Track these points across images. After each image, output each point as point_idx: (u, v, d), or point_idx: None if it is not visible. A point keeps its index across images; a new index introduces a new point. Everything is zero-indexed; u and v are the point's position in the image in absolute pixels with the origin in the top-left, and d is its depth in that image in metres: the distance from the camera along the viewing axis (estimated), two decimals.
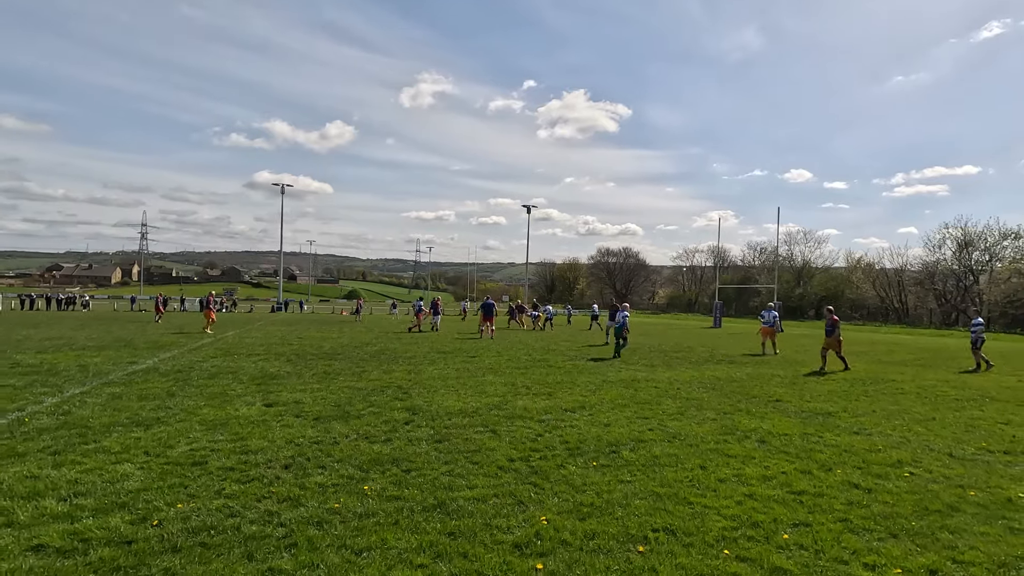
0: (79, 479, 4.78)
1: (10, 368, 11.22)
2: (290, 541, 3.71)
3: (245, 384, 9.89)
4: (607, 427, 7.15)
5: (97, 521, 3.93)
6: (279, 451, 5.77)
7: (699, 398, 9.52)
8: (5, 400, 8.02)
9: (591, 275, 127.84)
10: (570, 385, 10.64)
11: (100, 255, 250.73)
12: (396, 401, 8.61)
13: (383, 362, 13.63)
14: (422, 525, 4.01)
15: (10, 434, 6.18)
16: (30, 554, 3.46)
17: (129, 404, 7.92)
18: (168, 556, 3.47)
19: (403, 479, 4.98)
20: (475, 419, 7.46)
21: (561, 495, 4.67)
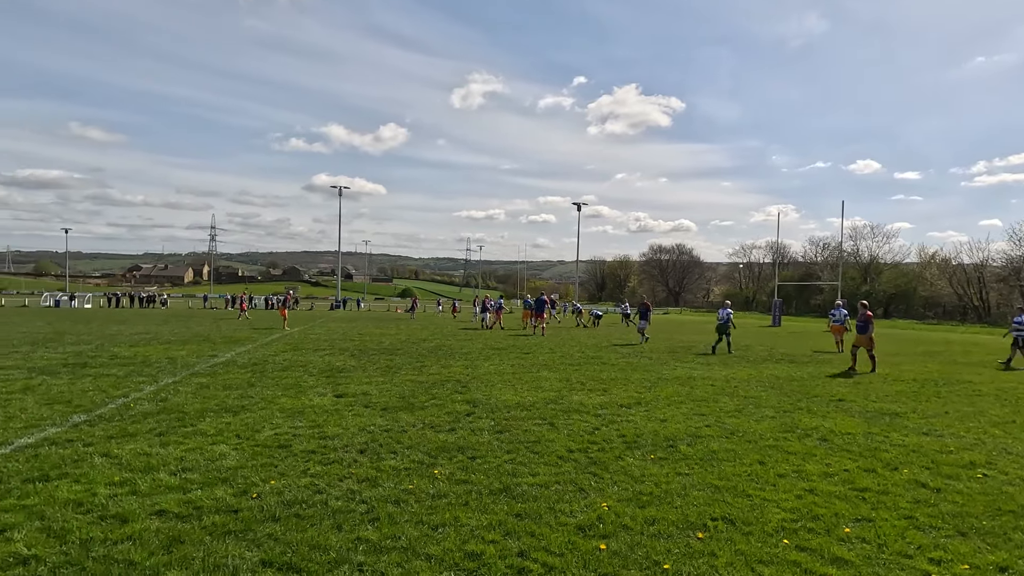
0: (184, 457, 5.36)
1: (110, 359, 12.38)
2: (372, 516, 4.08)
3: (315, 376, 10.55)
4: (664, 422, 7.25)
5: (205, 492, 4.44)
6: (353, 437, 6.22)
7: (757, 396, 9.42)
8: (111, 388, 8.93)
9: (643, 272, 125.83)
10: (624, 382, 10.74)
11: (174, 256, 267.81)
12: (456, 394, 8.99)
13: (440, 357, 14.13)
14: (490, 506, 4.30)
15: (120, 417, 6.94)
16: (154, 517, 3.97)
17: (216, 393, 8.65)
18: (269, 524, 3.90)
19: (469, 465, 5.30)
20: (533, 412, 7.73)
21: (620, 484, 4.86)
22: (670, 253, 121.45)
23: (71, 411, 7.19)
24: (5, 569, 3.21)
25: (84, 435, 6.03)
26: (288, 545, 3.58)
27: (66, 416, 6.91)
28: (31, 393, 8.33)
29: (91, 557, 3.37)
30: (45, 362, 11.77)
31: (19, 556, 3.35)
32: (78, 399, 7.97)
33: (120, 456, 5.33)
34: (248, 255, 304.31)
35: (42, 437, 5.94)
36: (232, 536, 3.70)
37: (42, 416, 6.88)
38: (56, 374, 10.18)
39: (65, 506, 4.11)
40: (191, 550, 3.49)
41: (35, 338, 17.44)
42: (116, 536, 3.65)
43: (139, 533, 3.70)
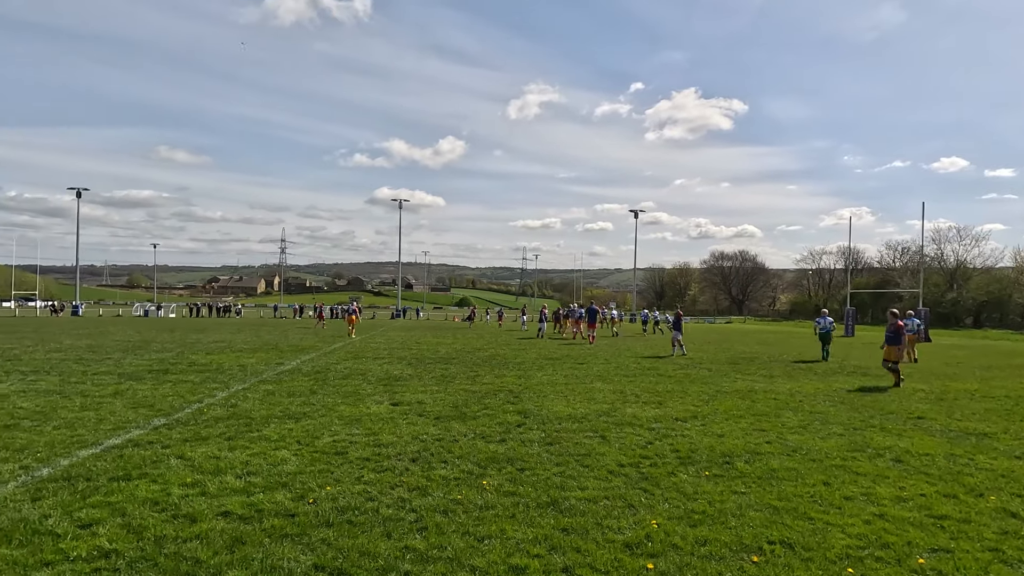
0: (249, 461, 5.67)
1: (188, 367, 13.28)
2: (421, 525, 4.17)
3: (373, 385, 10.89)
4: (720, 438, 6.99)
5: (266, 496, 4.68)
6: (407, 446, 6.38)
7: (824, 411, 8.91)
8: (188, 393, 9.58)
9: (704, 280, 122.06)
10: (681, 394, 10.43)
11: (248, 268, 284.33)
12: (508, 404, 9.03)
13: (494, 367, 14.23)
14: (537, 520, 4.29)
15: (195, 421, 7.42)
16: (220, 518, 4.22)
17: (281, 400, 9.10)
18: (323, 529, 4.06)
19: (518, 477, 5.31)
20: (584, 424, 7.64)
21: (672, 501, 4.72)
22: (733, 260, 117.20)
23: (153, 415, 7.77)
24: (89, 561, 3.50)
25: (163, 438, 6.50)
26: (340, 551, 3.71)
27: (148, 419, 7.47)
28: (119, 397, 9.06)
29: (163, 554, 3.62)
30: (133, 368, 12.77)
31: (102, 550, 3.65)
32: (159, 403, 8.59)
33: (193, 459, 5.70)
34: (315, 266, 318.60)
35: (127, 439, 6.44)
36: (289, 539, 3.87)
37: (128, 419, 7.47)
38: (141, 380, 11.03)
39: (143, 504, 4.44)
40: (251, 551, 3.68)
41: (125, 346, 18.96)
42: (185, 535, 3.91)
43: (206, 533, 3.94)
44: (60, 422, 7.20)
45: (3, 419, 7.32)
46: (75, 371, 12.13)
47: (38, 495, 4.58)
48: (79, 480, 4.97)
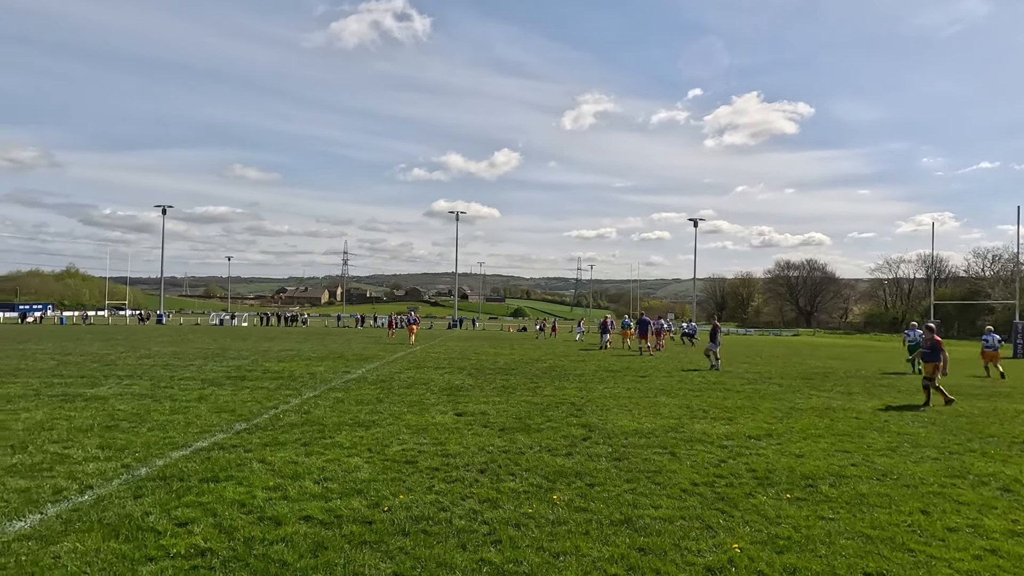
0: (325, 467, 5.86)
1: (263, 374, 13.97)
2: (494, 538, 4.16)
3: (436, 395, 11.06)
4: (799, 458, 6.63)
5: (343, 502, 4.81)
6: (473, 456, 6.42)
7: (914, 433, 8.28)
8: (264, 400, 10.05)
9: (768, 290, 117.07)
10: (752, 410, 9.99)
11: (312, 279, 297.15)
12: (571, 417, 8.94)
13: (554, 379, 14.15)
14: (611, 538, 4.20)
15: (272, 426, 7.77)
16: (302, 522, 4.38)
17: (350, 407, 9.39)
18: (400, 537, 4.13)
19: (588, 492, 5.22)
20: (652, 440, 7.45)
21: (753, 525, 4.50)
22: (800, 269, 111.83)
23: (234, 419, 8.20)
24: (188, 559, 3.71)
25: (244, 442, 6.84)
26: (417, 560, 3.76)
27: (231, 424, 7.89)
28: (204, 402, 9.63)
29: (253, 554, 3.79)
30: (214, 375, 13.56)
31: (198, 548, 3.86)
32: (239, 409, 9.07)
33: (273, 463, 5.96)
34: (375, 277, 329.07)
35: (212, 442, 6.82)
36: (368, 546, 3.96)
37: (212, 423, 7.91)
38: (222, 385, 11.68)
39: (231, 506, 4.67)
40: (334, 556, 3.79)
41: (205, 353, 20.18)
42: (272, 537, 4.07)
43: (290, 536, 4.10)
44: (153, 424, 7.72)
45: (104, 420, 7.93)
46: (163, 376, 13.00)
47: (139, 493, 4.91)
48: (173, 480, 5.29)
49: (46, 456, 6.02)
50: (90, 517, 4.33)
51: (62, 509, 4.50)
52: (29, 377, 12.42)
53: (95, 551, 3.77)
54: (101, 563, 3.61)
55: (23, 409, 8.62)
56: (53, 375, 12.85)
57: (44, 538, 3.96)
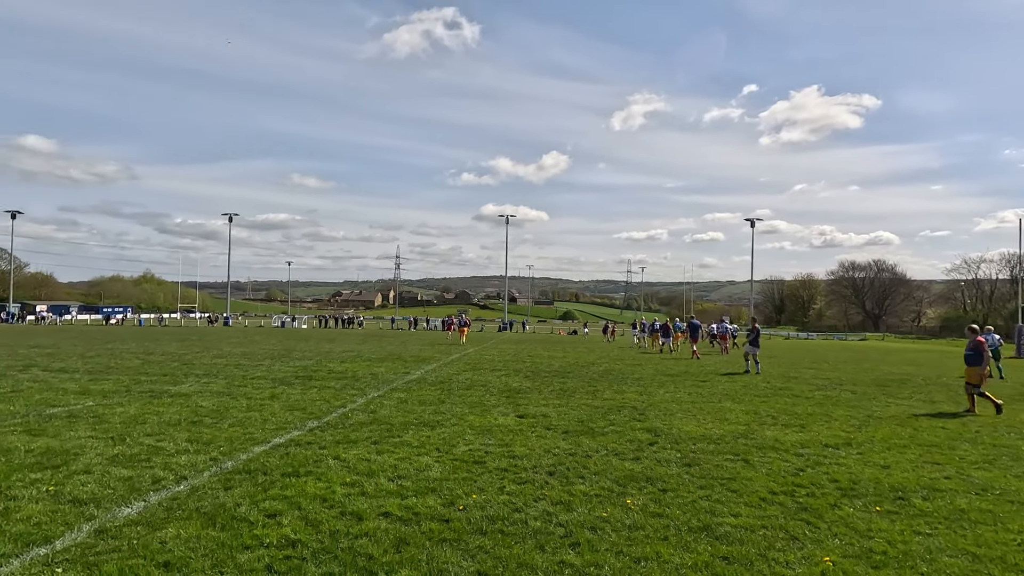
0: (397, 465, 6.01)
1: (328, 374, 14.48)
2: (572, 540, 4.15)
3: (496, 396, 11.14)
4: (885, 469, 6.27)
5: (419, 500, 4.92)
6: (540, 459, 6.42)
7: (1012, 445, 7.68)
8: (332, 399, 10.42)
9: (831, 292, 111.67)
10: (825, 418, 9.54)
11: (366, 283, 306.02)
12: (635, 421, 8.80)
13: (612, 382, 13.98)
14: (692, 545, 4.10)
15: (342, 424, 8.04)
16: (382, 518, 4.50)
17: (414, 408, 9.59)
18: (478, 536, 4.18)
19: (661, 498, 5.12)
20: (721, 446, 7.23)
21: (842, 537, 4.29)
22: (866, 270, 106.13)
23: (307, 417, 8.53)
24: (280, 549, 3.88)
25: (318, 439, 7.10)
26: (498, 560, 3.79)
27: (303, 421, 8.21)
28: (276, 400, 10.07)
29: (339, 547, 3.92)
30: (282, 374, 14.17)
31: (288, 539, 4.04)
32: (310, 407, 9.43)
33: (347, 460, 6.16)
34: (425, 281, 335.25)
35: (288, 439, 7.12)
36: (448, 544, 4.03)
37: (287, 420, 8.26)
38: (291, 384, 12.19)
39: (314, 500, 4.85)
40: (416, 552, 3.87)
41: (272, 353, 21.12)
42: (355, 531, 4.21)
43: (372, 531, 4.22)
44: (233, 420, 8.14)
45: (189, 416, 8.43)
46: (237, 375, 13.69)
47: (228, 484, 5.19)
48: (258, 474, 5.56)
49: (143, 448, 6.45)
50: (188, 506, 4.60)
51: (162, 497, 4.80)
52: (120, 375, 13.36)
53: (196, 538, 4.00)
54: (203, 549, 3.82)
55: (118, 404, 9.28)
56: (140, 373, 13.77)
57: (150, 524, 4.24)
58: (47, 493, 4.84)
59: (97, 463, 5.78)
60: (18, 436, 6.87)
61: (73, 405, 9.10)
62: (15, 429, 7.27)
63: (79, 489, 4.95)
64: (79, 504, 4.60)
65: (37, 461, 5.80)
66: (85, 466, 5.66)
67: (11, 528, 4.08)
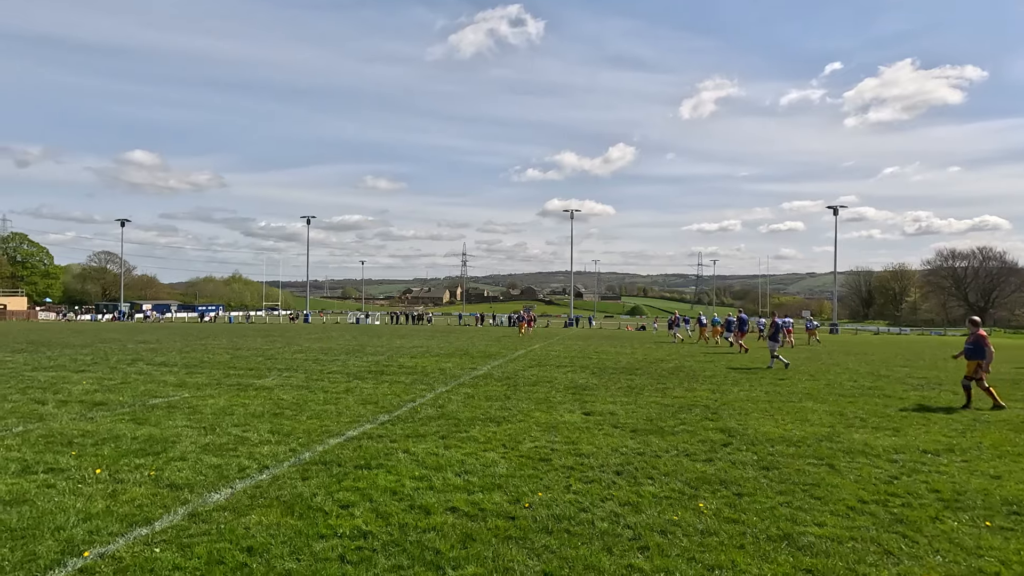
0: (463, 460, 6.08)
1: (398, 369, 14.94)
2: (640, 544, 4.02)
3: (562, 393, 11.05)
4: (996, 480, 5.65)
5: (485, 496, 4.94)
6: (607, 457, 6.28)
7: None
8: (402, 393, 10.72)
9: (927, 284, 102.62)
10: (923, 421, 8.75)
11: (434, 280, 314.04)
12: (707, 421, 8.45)
13: (683, 379, 13.51)
14: (771, 555, 3.86)
15: (412, 419, 8.25)
16: (449, 513, 4.56)
17: (480, 403, 9.69)
18: (544, 535, 4.14)
19: (736, 503, 4.87)
20: (803, 449, 6.79)
21: (945, 554, 3.89)
22: (968, 259, 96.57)
23: (378, 411, 8.82)
24: (352, 539, 4.02)
25: (389, 432, 7.31)
26: (564, 560, 3.74)
27: (375, 415, 8.50)
28: (351, 394, 10.49)
29: (408, 540, 4.01)
30: (356, 369, 14.76)
31: (360, 530, 4.17)
32: (382, 401, 9.75)
33: (416, 454, 6.30)
34: (491, 277, 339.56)
35: (361, 431, 7.39)
36: (513, 542, 4.02)
37: (360, 414, 8.58)
38: (364, 379, 12.67)
39: (384, 492, 4.99)
40: (482, 549, 3.89)
41: (347, 349, 22.07)
42: (423, 525, 4.28)
43: (440, 525, 4.28)
44: (311, 413, 8.55)
45: (272, 408, 8.94)
46: (315, 370, 14.40)
47: (306, 475, 5.44)
48: (332, 465, 5.79)
49: (230, 438, 6.90)
50: (269, 494, 4.86)
51: (247, 485, 5.10)
52: (211, 368, 14.41)
53: (276, 525, 4.22)
54: (283, 536, 4.02)
55: (209, 396, 10.00)
56: (229, 367, 14.79)
57: (236, 510, 4.51)
58: (149, 477, 5.27)
59: (191, 451, 6.23)
60: (126, 424, 7.55)
61: (172, 396, 9.90)
62: (123, 418, 7.99)
63: (176, 475, 5.35)
64: (175, 489, 4.98)
65: (141, 448, 6.34)
66: (181, 453, 6.12)
67: (118, 509, 4.48)
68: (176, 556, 3.69)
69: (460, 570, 3.58)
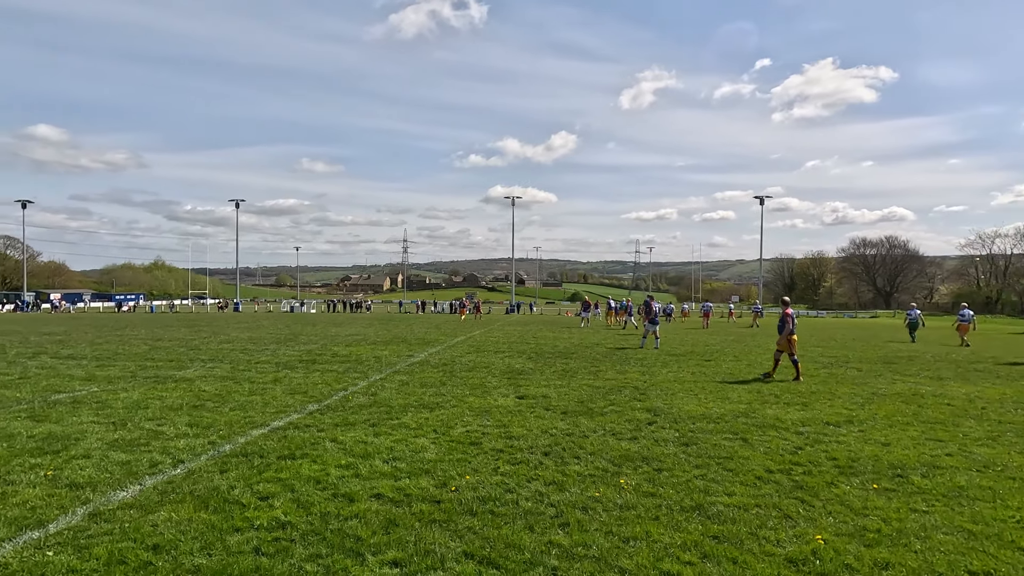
0: (393, 447, 6.02)
1: (332, 357, 14.56)
2: (562, 520, 4.13)
3: (498, 378, 11.14)
4: (886, 447, 6.20)
5: (412, 481, 4.92)
6: (537, 439, 6.40)
7: (1018, 422, 7.57)
8: (334, 382, 10.47)
9: (842, 270, 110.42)
10: (828, 396, 9.45)
11: (374, 267, 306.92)
12: (635, 401, 8.76)
13: (615, 363, 13.94)
14: (683, 524, 4.07)
15: (342, 407, 8.07)
16: (374, 499, 4.51)
17: (414, 390, 9.61)
18: (468, 517, 4.17)
19: (655, 477, 5.10)
20: (721, 425, 7.18)
21: (837, 516, 4.24)
22: (878, 247, 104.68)
23: (307, 400, 8.58)
24: (270, 531, 3.90)
25: (317, 422, 7.13)
26: (486, 540, 3.79)
27: (304, 404, 8.26)
28: (279, 384, 10.13)
29: (329, 529, 3.94)
30: (287, 358, 14.26)
31: (279, 521, 4.05)
32: (311, 390, 9.48)
33: (344, 442, 6.18)
34: (434, 264, 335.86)
35: (288, 421, 7.16)
36: (437, 525, 4.03)
37: (287, 404, 8.31)
38: (294, 368, 12.26)
39: (307, 482, 4.87)
40: (404, 533, 3.88)
41: (278, 338, 21.26)
42: (346, 513, 4.22)
43: (363, 512, 4.23)
44: (235, 404, 8.20)
45: (192, 400, 8.50)
46: (242, 360, 13.80)
47: (224, 468, 5.22)
48: (254, 457, 5.59)
49: (142, 432, 6.51)
50: (182, 489, 4.64)
51: (158, 481, 4.84)
52: (126, 361, 13.51)
53: (188, 520, 4.03)
54: (194, 532, 3.85)
55: (122, 389, 9.38)
56: (146, 359, 13.92)
57: (143, 507, 4.27)
58: (45, 478, 4.90)
59: (97, 448, 5.83)
60: (22, 422, 6.96)
61: (78, 391, 9.21)
62: (20, 415, 7.36)
63: (77, 473, 5.00)
64: (75, 488, 4.65)
65: (38, 446, 5.87)
66: (85, 451, 5.72)
67: (7, 512, 4.13)
68: (71, 559, 3.46)
69: (380, 555, 3.56)
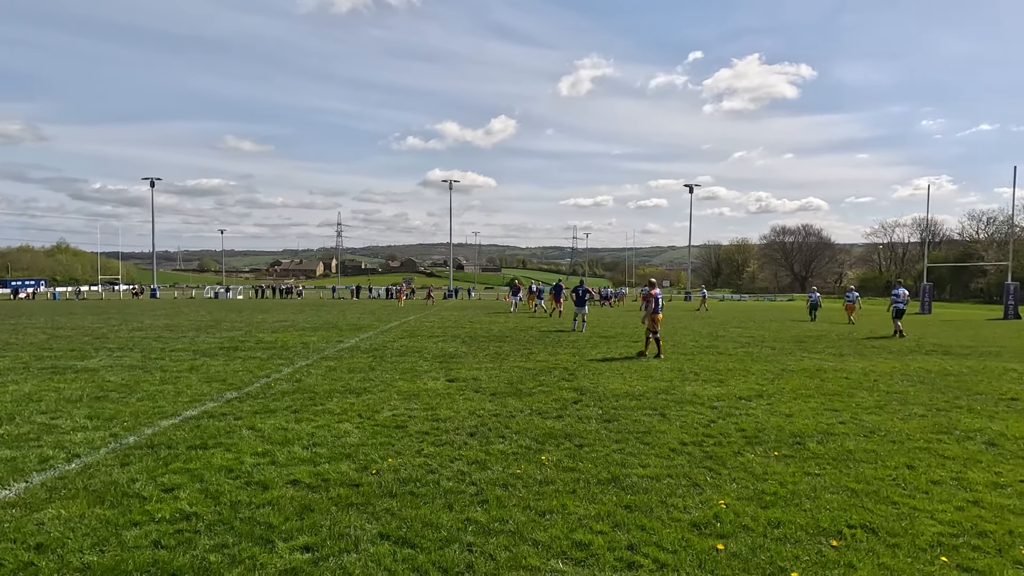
0: (314, 433, 5.85)
1: (256, 344, 13.93)
2: (481, 498, 4.17)
3: (429, 362, 11.06)
4: (789, 417, 6.67)
5: (332, 466, 4.81)
6: (464, 420, 6.42)
7: (903, 391, 8.35)
8: (256, 369, 10.02)
9: (763, 256, 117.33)
10: (743, 373, 10.04)
11: (307, 251, 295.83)
12: (563, 381, 8.96)
13: (548, 345, 14.17)
14: (598, 496, 4.21)
15: (263, 395, 7.75)
16: (289, 486, 4.37)
17: (342, 375, 9.38)
18: (387, 499, 4.13)
19: (576, 453, 5.24)
20: (643, 402, 7.48)
21: (740, 481, 4.53)
22: (795, 235, 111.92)
23: (225, 388, 8.17)
24: (172, 523, 3.70)
25: (235, 410, 6.81)
26: (403, 520, 3.77)
27: (221, 392, 7.86)
28: (195, 372, 9.59)
29: (238, 518, 3.78)
30: (206, 346, 13.51)
31: (183, 512, 3.85)
32: (231, 378, 9.04)
33: (263, 430, 5.94)
34: (370, 249, 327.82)
35: (202, 410, 6.80)
36: (354, 508, 3.96)
37: (203, 392, 7.89)
38: (214, 356, 11.64)
39: (219, 472, 4.65)
40: (319, 518, 3.79)
41: (199, 325, 20.10)
42: (258, 501, 4.07)
43: (277, 499, 4.09)
44: (143, 394, 7.69)
45: (94, 391, 7.89)
46: (155, 348, 12.94)
47: (126, 460, 4.89)
48: (161, 448, 5.27)
49: (33, 427, 5.98)
50: (75, 484, 4.31)
51: (48, 477, 4.47)
52: (19, 351, 12.34)
53: (79, 517, 3.75)
54: (84, 528, 3.59)
55: (11, 382, 8.57)
56: (43, 348, 12.78)
57: (28, 505, 3.93)
58: None
59: None
60: None
61: None
62: None
63: None
64: None
65: None
66: None
67: None
68: None
69: (291, 541, 3.46)
